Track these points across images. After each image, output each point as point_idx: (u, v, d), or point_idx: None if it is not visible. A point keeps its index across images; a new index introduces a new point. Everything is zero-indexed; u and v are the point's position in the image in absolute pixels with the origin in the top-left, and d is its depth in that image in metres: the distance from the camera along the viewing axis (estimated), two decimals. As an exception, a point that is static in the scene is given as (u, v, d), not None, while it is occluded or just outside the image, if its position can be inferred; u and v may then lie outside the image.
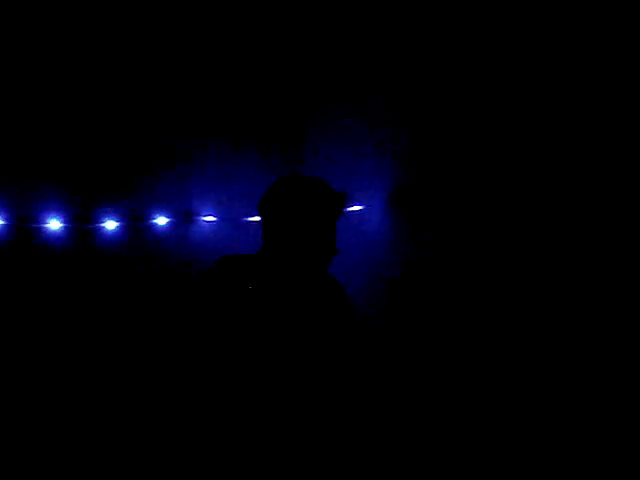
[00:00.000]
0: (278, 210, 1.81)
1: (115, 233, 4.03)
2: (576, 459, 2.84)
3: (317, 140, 4.69)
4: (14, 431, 3.55)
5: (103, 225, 4.03)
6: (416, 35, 3.90)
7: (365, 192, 4.28)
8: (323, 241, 1.81)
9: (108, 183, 3.89)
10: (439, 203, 3.70)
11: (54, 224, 3.93)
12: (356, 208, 4.40)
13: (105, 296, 3.83)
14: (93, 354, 3.77)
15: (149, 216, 4.12)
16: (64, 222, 3.94)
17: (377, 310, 4.01)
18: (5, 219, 3.85)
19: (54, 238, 3.90)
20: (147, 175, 3.91)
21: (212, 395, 1.83)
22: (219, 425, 1.81)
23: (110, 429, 3.62)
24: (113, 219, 4.05)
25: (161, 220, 4.15)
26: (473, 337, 3.37)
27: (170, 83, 4.21)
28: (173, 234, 4.05)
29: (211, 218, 4.31)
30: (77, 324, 3.79)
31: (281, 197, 1.82)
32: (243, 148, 4.63)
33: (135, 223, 4.05)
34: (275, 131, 4.78)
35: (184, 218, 4.17)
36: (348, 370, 1.95)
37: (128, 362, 3.76)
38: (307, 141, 4.82)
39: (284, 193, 1.83)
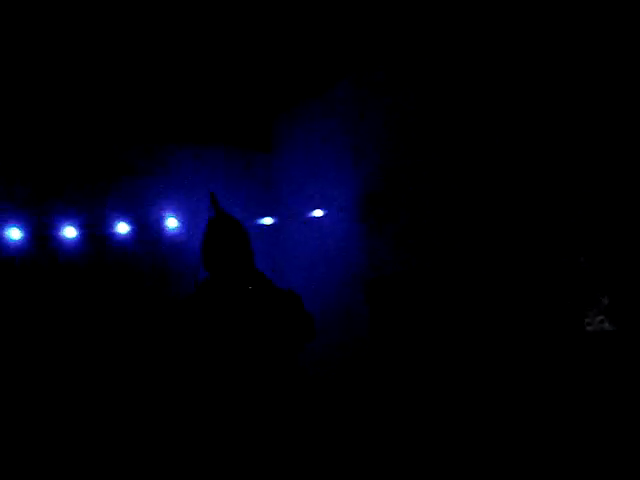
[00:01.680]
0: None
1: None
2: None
3: (284, 147, 4.65)
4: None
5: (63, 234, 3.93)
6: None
7: (330, 197, 4.24)
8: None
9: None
10: (402, 208, 3.68)
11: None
12: (319, 213, 4.36)
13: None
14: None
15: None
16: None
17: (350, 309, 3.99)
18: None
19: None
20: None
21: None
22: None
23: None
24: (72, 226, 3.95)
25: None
26: (447, 336, 3.34)
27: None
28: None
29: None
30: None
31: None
32: (207, 155, 4.53)
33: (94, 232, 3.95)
34: (243, 138, 4.73)
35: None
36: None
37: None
38: (275, 149, 4.77)
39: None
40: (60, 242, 3.89)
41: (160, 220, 4.08)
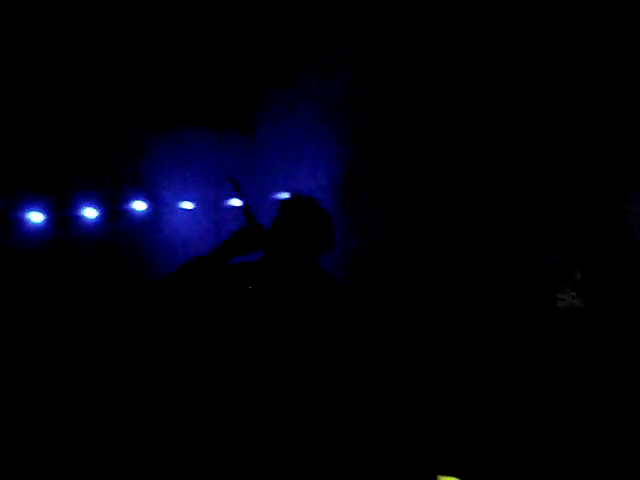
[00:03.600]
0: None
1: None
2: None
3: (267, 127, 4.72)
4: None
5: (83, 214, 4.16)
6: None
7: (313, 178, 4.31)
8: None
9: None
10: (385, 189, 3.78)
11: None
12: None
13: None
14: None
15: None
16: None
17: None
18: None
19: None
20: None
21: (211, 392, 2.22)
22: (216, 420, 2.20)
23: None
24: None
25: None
26: (431, 321, 3.30)
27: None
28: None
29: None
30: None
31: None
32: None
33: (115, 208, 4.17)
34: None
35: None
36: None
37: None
38: (259, 127, 4.85)
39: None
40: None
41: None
